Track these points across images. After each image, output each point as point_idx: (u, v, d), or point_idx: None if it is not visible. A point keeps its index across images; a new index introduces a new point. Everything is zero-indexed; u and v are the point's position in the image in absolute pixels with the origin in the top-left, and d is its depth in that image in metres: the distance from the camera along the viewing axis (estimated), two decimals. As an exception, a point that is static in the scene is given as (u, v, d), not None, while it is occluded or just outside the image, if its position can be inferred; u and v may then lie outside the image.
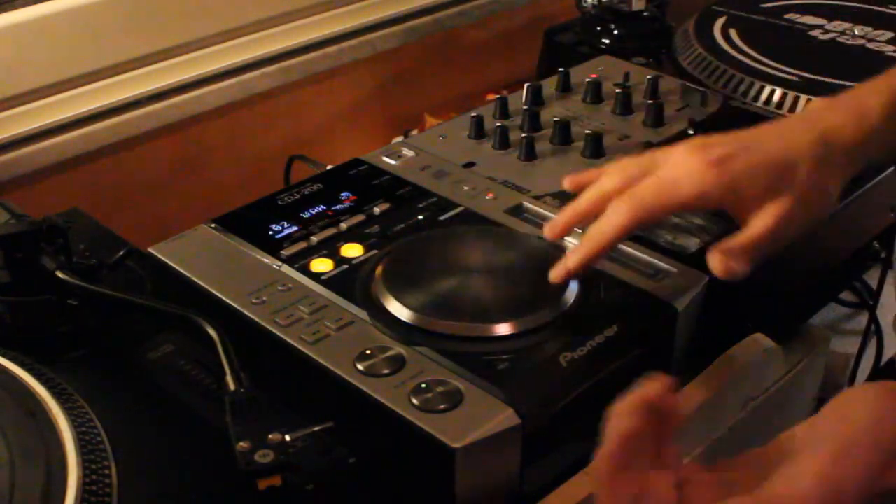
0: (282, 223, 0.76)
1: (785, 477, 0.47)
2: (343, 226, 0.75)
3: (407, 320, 0.64)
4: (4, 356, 0.61)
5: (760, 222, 0.63)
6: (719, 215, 0.76)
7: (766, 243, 0.63)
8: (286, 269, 0.71)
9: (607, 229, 0.64)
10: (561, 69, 0.96)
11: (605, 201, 0.65)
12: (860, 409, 0.48)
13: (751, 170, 0.63)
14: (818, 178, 0.64)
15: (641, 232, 0.72)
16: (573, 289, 0.67)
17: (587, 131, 0.86)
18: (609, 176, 0.67)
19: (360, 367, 0.61)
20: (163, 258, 0.73)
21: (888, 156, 0.70)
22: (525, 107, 0.91)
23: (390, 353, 0.62)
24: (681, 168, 0.64)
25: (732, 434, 0.72)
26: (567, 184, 0.71)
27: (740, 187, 0.63)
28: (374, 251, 0.72)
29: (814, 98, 0.67)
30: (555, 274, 0.66)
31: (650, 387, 0.50)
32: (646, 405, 0.50)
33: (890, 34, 1.02)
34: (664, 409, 0.50)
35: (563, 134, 0.87)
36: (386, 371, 0.61)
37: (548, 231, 0.69)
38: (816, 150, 0.64)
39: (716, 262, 0.63)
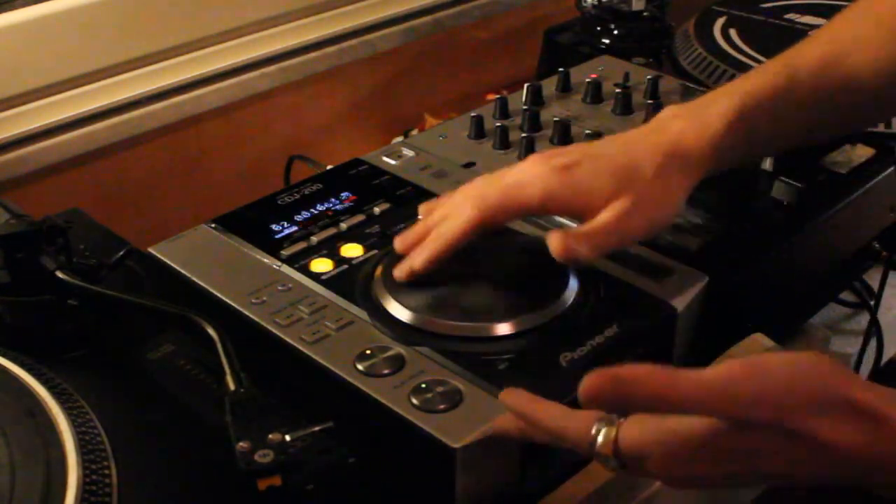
0: (282, 223, 0.76)
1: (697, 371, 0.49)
2: (343, 226, 0.75)
3: (407, 320, 0.64)
4: (4, 356, 0.61)
5: (603, 216, 0.65)
6: (719, 215, 0.76)
7: (606, 236, 0.65)
8: (286, 269, 0.71)
9: (451, 228, 0.66)
10: (561, 69, 0.96)
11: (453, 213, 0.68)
12: (793, 356, 0.50)
13: (594, 174, 0.66)
14: (660, 183, 0.66)
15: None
16: (573, 289, 0.67)
17: (587, 131, 0.86)
18: (454, 194, 0.70)
19: (360, 367, 0.61)
20: (163, 258, 0.73)
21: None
22: (525, 107, 0.91)
23: (390, 353, 0.62)
24: (526, 174, 0.67)
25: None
26: (421, 210, 0.72)
27: (584, 190, 0.65)
28: (374, 251, 0.72)
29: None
30: (399, 272, 0.67)
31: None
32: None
33: (890, 34, 1.02)
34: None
35: (563, 134, 0.86)
36: (386, 371, 0.61)
37: (397, 244, 0.69)
38: (658, 156, 0.66)
39: (556, 242, 0.65)
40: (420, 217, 0.71)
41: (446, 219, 0.67)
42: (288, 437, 0.53)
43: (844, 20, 0.73)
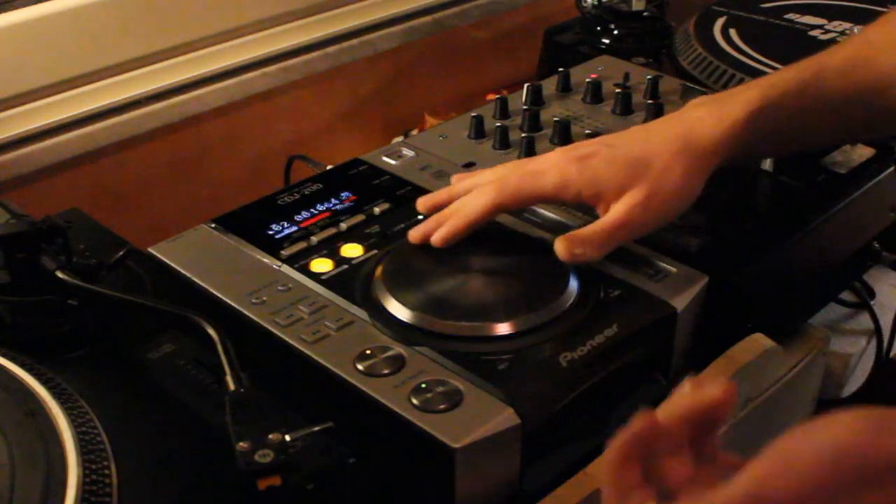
0: (282, 223, 0.76)
1: (727, 482, 0.45)
2: (343, 226, 0.75)
3: (407, 320, 0.64)
4: (4, 356, 0.61)
5: (613, 212, 0.67)
6: (720, 215, 0.76)
7: (617, 232, 0.67)
8: (286, 269, 0.71)
9: (471, 208, 0.70)
10: (561, 69, 0.96)
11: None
12: (822, 428, 0.44)
13: (609, 164, 0.68)
14: (675, 170, 0.67)
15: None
16: (573, 289, 0.67)
17: (587, 131, 0.86)
18: (484, 172, 0.74)
19: (360, 367, 0.61)
20: (163, 258, 0.73)
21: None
22: (525, 107, 0.91)
23: (390, 353, 0.62)
24: (546, 162, 0.70)
25: (732, 434, 0.72)
26: (453, 178, 0.76)
27: (599, 180, 0.67)
28: (374, 251, 0.72)
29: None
30: (415, 234, 0.71)
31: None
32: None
33: (890, 34, 1.02)
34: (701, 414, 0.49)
35: (563, 134, 0.86)
36: (386, 371, 0.61)
37: (420, 204, 0.74)
38: (674, 144, 0.67)
39: (560, 247, 0.67)
40: (451, 182, 0.76)
41: (467, 199, 0.71)
42: (288, 437, 0.53)
43: (878, 25, 0.73)
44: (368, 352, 0.62)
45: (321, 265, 0.71)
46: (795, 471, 0.43)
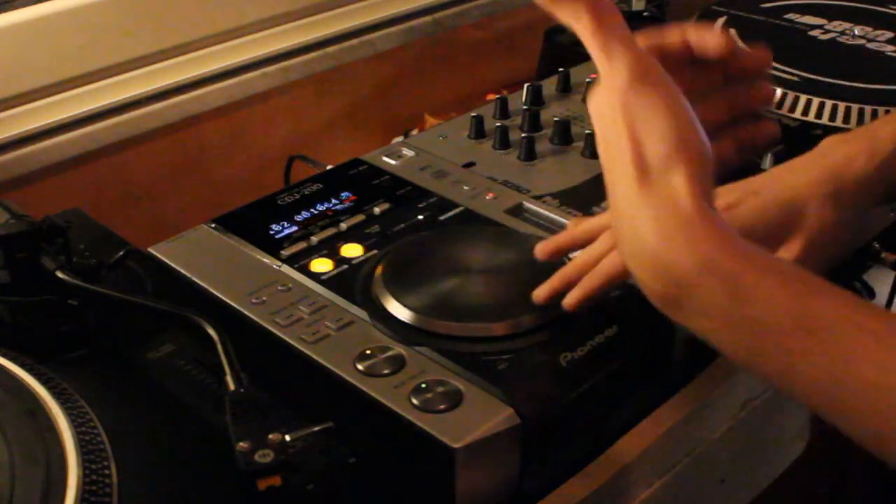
0: (282, 223, 0.76)
1: None
2: (343, 226, 0.75)
3: (407, 320, 0.64)
4: (4, 356, 0.61)
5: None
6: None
7: None
8: (286, 269, 0.71)
9: (612, 272, 0.62)
10: (561, 69, 0.96)
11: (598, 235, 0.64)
12: None
13: (758, 213, 0.63)
14: (830, 214, 0.63)
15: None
16: (573, 289, 0.67)
17: (587, 131, 0.86)
18: (604, 215, 0.66)
19: (360, 367, 0.61)
20: (163, 258, 0.73)
21: None
22: (525, 107, 0.91)
23: (390, 353, 0.62)
24: None
25: (732, 434, 0.72)
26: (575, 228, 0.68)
27: (749, 231, 0.62)
28: (374, 251, 0.72)
29: (829, 136, 0.67)
30: (538, 295, 0.65)
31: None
32: None
33: (890, 34, 1.02)
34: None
35: (564, 134, 0.87)
36: (386, 371, 0.61)
37: (538, 251, 0.67)
38: (826, 187, 0.63)
39: None
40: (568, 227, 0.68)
41: (598, 254, 0.64)
42: (288, 437, 0.53)
43: None
44: (368, 352, 0.62)
45: (321, 265, 0.71)
46: None
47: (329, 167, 0.86)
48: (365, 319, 0.65)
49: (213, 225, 0.76)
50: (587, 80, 0.94)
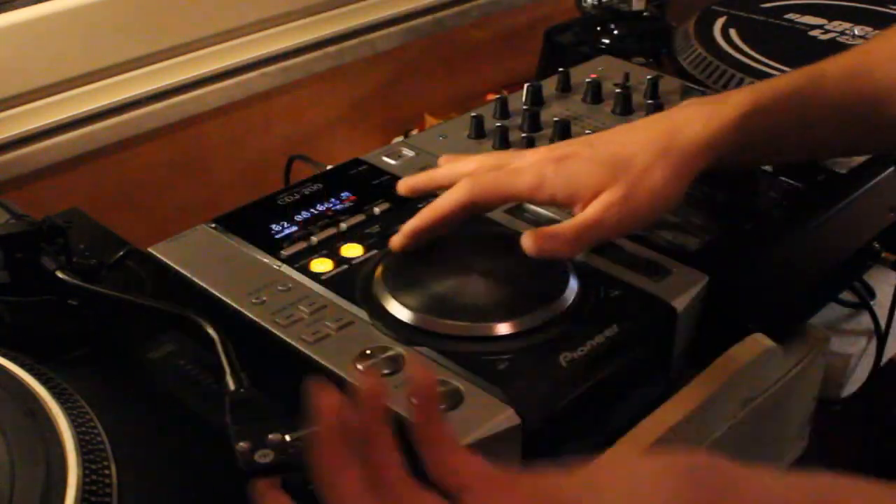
0: (282, 223, 0.76)
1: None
2: (343, 226, 0.75)
3: (407, 320, 0.64)
4: (4, 356, 0.61)
5: (588, 210, 0.65)
6: (719, 215, 0.76)
7: (590, 230, 0.64)
8: (286, 269, 0.71)
9: (444, 203, 0.68)
10: (561, 69, 0.96)
11: (458, 179, 0.69)
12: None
13: (587, 164, 0.66)
14: (655, 171, 0.64)
15: (642, 232, 0.72)
16: (573, 289, 0.67)
17: (587, 131, 0.86)
18: (468, 160, 0.72)
19: (360, 367, 0.61)
20: (163, 258, 0.73)
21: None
22: (525, 107, 0.91)
23: (390, 353, 0.62)
24: (526, 161, 0.68)
25: (732, 434, 0.72)
26: (440, 160, 0.74)
27: (574, 181, 0.65)
28: (374, 251, 0.72)
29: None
30: (394, 243, 0.70)
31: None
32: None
33: (890, 34, 1.02)
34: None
35: (563, 134, 0.86)
36: (386, 371, 0.61)
37: (400, 186, 0.73)
38: (658, 144, 0.65)
39: (528, 240, 0.65)
40: (438, 163, 0.74)
41: (444, 193, 0.69)
42: (288, 437, 0.53)
43: (881, 38, 0.72)
44: (368, 352, 0.62)
45: (321, 265, 0.71)
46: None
47: (329, 167, 0.86)
48: (365, 319, 0.65)
49: (213, 225, 0.76)
50: (587, 79, 0.94)
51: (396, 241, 0.70)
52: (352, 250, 0.72)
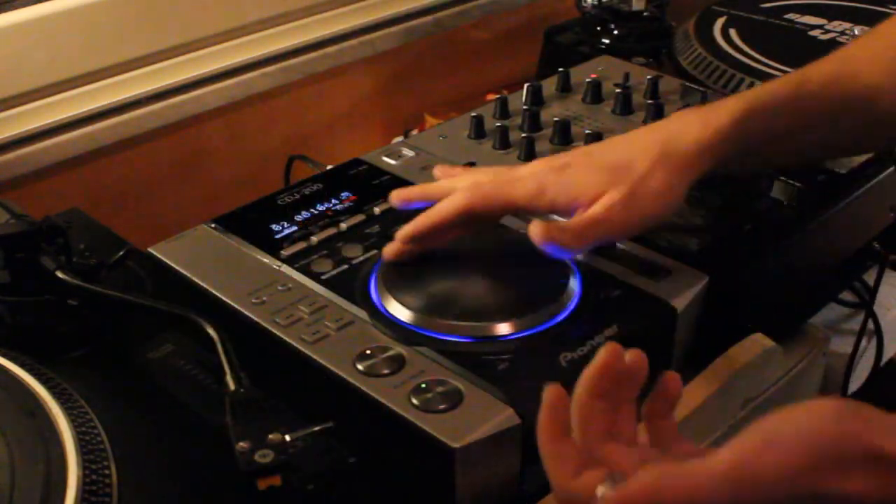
0: (282, 223, 0.76)
1: (707, 455, 0.47)
2: (343, 226, 0.75)
3: (407, 320, 0.64)
4: (4, 356, 0.61)
5: (593, 209, 0.65)
6: (719, 215, 0.76)
7: (596, 227, 0.65)
8: (286, 269, 0.71)
9: (442, 209, 0.68)
10: (561, 69, 0.96)
11: (452, 193, 0.69)
12: (804, 412, 0.47)
13: (587, 170, 0.67)
14: (655, 176, 0.65)
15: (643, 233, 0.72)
16: (573, 288, 0.67)
17: (587, 131, 0.86)
18: (465, 174, 0.73)
19: (360, 367, 0.61)
20: (163, 258, 0.73)
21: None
22: (525, 107, 0.91)
23: (390, 353, 0.62)
24: (524, 171, 0.69)
25: (732, 434, 0.72)
26: (436, 172, 0.75)
27: (575, 187, 0.66)
28: (374, 251, 0.72)
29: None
30: (388, 251, 0.69)
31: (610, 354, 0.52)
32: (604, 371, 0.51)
33: (890, 34, 1.02)
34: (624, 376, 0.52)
35: (563, 134, 0.86)
36: (386, 371, 0.61)
37: (392, 197, 0.72)
38: (655, 150, 0.66)
39: (536, 229, 0.65)
40: (435, 176, 0.74)
41: (443, 200, 0.69)
42: (288, 437, 0.53)
43: (863, 42, 0.73)
44: (368, 352, 0.62)
45: (321, 265, 0.71)
46: (775, 450, 0.45)
47: (329, 167, 0.86)
48: (365, 319, 0.65)
49: (213, 225, 0.76)
50: (587, 79, 0.94)
51: (390, 248, 0.69)
52: (352, 250, 0.72)
